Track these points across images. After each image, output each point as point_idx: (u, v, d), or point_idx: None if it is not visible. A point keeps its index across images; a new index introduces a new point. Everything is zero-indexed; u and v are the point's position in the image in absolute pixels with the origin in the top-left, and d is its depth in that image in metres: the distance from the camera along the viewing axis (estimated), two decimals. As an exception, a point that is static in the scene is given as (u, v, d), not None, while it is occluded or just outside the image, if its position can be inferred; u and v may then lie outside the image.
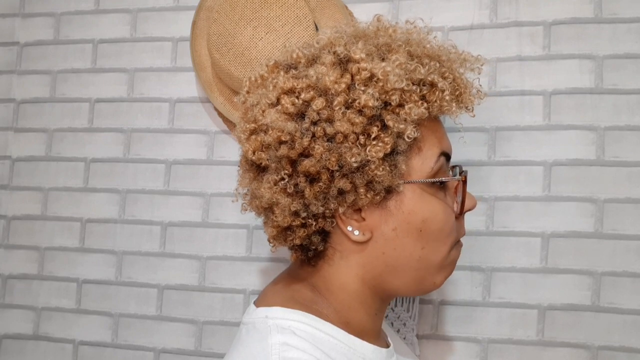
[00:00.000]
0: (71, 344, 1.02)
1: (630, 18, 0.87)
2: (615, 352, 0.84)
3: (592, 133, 0.88)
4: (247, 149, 0.59)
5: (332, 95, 0.56)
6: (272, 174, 0.58)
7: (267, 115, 0.57)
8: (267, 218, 0.62)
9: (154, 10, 1.04)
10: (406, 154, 0.58)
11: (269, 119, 0.57)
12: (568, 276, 0.87)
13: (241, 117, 0.64)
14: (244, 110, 0.63)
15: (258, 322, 0.58)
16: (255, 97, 0.61)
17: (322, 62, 0.58)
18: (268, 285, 0.66)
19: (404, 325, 0.90)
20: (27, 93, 1.08)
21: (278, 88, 0.58)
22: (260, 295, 0.65)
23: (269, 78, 0.61)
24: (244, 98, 0.64)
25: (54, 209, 1.05)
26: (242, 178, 0.64)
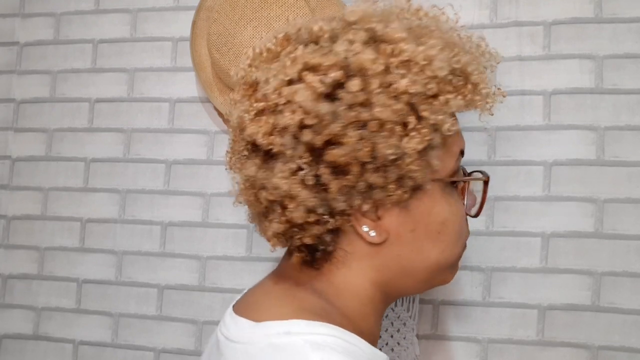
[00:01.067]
0: (71, 344, 1.02)
1: (630, 18, 0.87)
2: (615, 352, 0.84)
3: (592, 133, 0.88)
4: (254, 131, 0.51)
5: (369, 76, 0.49)
6: (287, 162, 0.50)
7: (288, 93, 0.50)
8: (272, 213, 0.53)
9: (154, 10, 1.04)
10: (438, 150, 0.52)
11: (300, 97, 0.49)
12: (568, 276, 0.87)
13: (241, 94, 0.56)
14: (246, 87, 0.55)
15: (279, 341, 0.48)
16: (263, 73, 0.53)
17: (350, 39, 0.51)
18: (255, 293, 0.57)
19: (404, 325, 0.90)
20: (27, 93, 1.08)
21: (300, 63, 0.51)
22: (246, 305, 0.55)
23: (283, 52, 0.54)
24: (242, 72, 0.56)
25: (54, 209, 1.05)
26: (241, 165, 0.55)
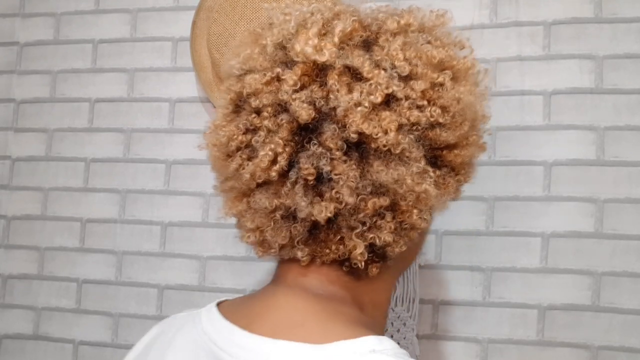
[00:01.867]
0: (71, 344, 1.02)
1: (630, 18, 0.87)
2: (615, 352, 0.84)
3: (592, 133, 0.88)
4: (374, 129, 0.44)
5: (471, 82, 0.50)
6: (410, 164, 0.46)
7: (438, 86, 0.47)
8: (376, 222, 0.47)
9: (154, 10, 1.04)
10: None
11: (460, 94, 0.47)
12: (568, 276, 0.87)
13: (311, 79, 0.47)
14: (338, 73, 0.46)
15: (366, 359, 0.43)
16: (362, 60, 0.46)
17: (446, 42, 0.51)
18: (285, 312, 0.49)
19: (404, 325, 0.90)
20: (27, 93, 1.08)
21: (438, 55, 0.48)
22: (277, 325, 0.47)
23: (379, 39, 0.48)
24: (319, 54, 0.46)
25: (54, 209, 1.05)
26: (340, 164, 0.45)
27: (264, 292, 0.53)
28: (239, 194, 0.50)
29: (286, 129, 0.46)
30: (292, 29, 0.48)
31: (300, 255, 0.48)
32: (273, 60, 0.48)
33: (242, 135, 0.48)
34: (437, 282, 0.90)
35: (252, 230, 0.50)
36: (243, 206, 0.50)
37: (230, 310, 0.52)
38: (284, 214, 0.47)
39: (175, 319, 0.57)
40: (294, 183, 0.46)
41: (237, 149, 0.49)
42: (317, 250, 0.48)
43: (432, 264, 0.91)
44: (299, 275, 0.50)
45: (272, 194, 0.47)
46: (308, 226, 0.47)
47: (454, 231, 0.90)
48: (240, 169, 0.48)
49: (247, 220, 0.50)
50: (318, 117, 0.46)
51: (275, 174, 0.46)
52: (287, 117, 0.46)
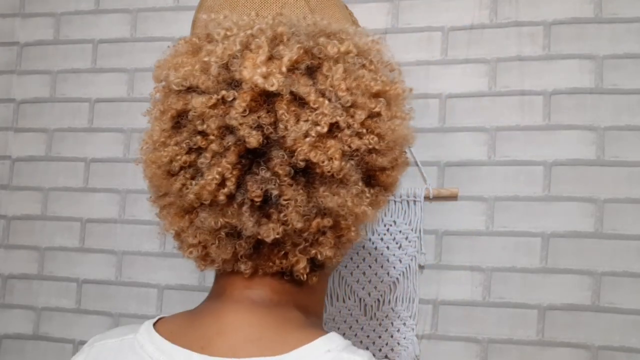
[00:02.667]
0: (71, 344, 1.02)
1: (630, 18, 0.87)
2: (615, 352, 0.84)
3: (592, 133, 0.88)
4: (320, 157, 0.47)
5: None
6: (350, 186, 0.48)
7: (376, 115, 0.49)
8: (318, 239, 0.50)
9: (154, 10, 1.04)
10: None
11: (393, 125, 0.50)
12: (568, 276, 0.87)
13: (255, 104, 0.47)
14: (284, 101, 0.47)
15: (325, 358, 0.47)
16: (305, 88, 0.48)
17: (378, 68, 0.53)
18: (238, 330, 0.50)
19: (404, 324, 0.90)
20: (27, 93, 1.08)
21: (373, 89, 0.50)
22: (235, 346, 0.48)
23: (322, 66, 0.50)
24: (268, 81, 0.46)
25: (54, 209, 1.05)
26: (280, 191, 0.47)
27: (211, 311, 0.53)
28: (180, 210, 0.51)
29: (234, 152, 0.46)
30: (237, 51, 0.48)
31: (244, 269, 0.50)
32: (217, 81, 0.48)
33: (185, 155, 0.48)
34: (437, 282, 0.90)
35: (194, 246, 0.51)
36: (185, 223, 0.51)
37: (173, 332, 0.52)
38: (229, 232, 0.49)
39: (102, 347, 0.54)
40: (241, 204, 0.47)
41: (180, 169, 0.49)
42: (260, 264, 0.50)
43: (432, 264, 0.91)
44: (244, 289, 0.51)
45: (218, 212, 0.48)
46: (252, 242, 0.49)
47: (454, 231, 0.90)
48: (184, 189, 0.48)
49: (188, 235, 0.51)
50: (266, 142, 0.47)
51: (223, 197, 0.47)
52: (234, 139, 0.47)
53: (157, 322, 0.54)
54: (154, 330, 0.52)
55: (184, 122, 0.49)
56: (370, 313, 0.90)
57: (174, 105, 0.49)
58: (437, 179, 0.92)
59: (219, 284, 0.54)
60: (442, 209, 0.91)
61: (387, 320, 0.90)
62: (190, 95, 0.48)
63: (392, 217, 0.91)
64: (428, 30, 0.94)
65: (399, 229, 0.91)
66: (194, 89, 0.48)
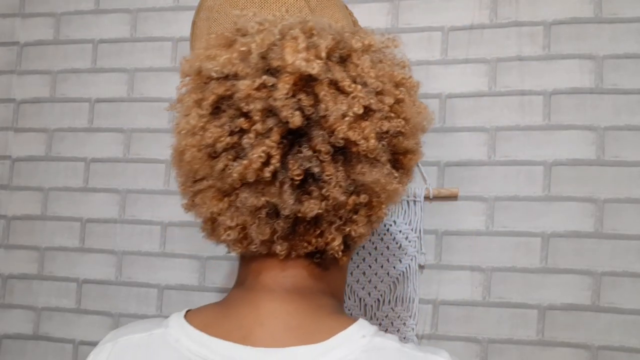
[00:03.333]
0: (71, 344, 1.02)
1: (630, 18, 0.87)
2: (615, 352, 0.84)
3: (592, 133, 0.88)
4: (355, 135, 0.50)
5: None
6: (382, 166, 0.52)
7: (401, 101, 0.54)
8: (353, 216, 0.52)
9: (154, 10, 1.04)
10: None
11: (418, 108, 0.56)
12: (568, 276, 0.87)
13: (299, 87, 0.50)
14: (326, 83, 0.50)
15: (370, 346, 0.50)
16: (342, 74, 0.51)
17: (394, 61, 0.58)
18: (279, 320, 0.51)
19: (404, 324, 0.90)
20: (27, 93, 1.08)
21: (397, 78, 0.55)
22: (276, 336, 0.50)
23: (353, 55, 0.54)
24: (311, 66, 0.49)
25: (54, 209, 1.05)
26: (329, 166, 0.50)
27: (246, 301, 0.54)
28: (219, 193, 0.52)
29: (277, 132, 0.49)
30: (276, 40, 0.51)
31: (279, 250, 0.52)
32: (256, 68, 0.51)
33: (228, 136, 0.50)
34: (437, 282, 0.90)
35: (232, 228, 0.52)
36: (224, 205, 0.52)
37: (207, 324, 0.52)
38: (269, 212, 0.50)
39: (128, 343, 0.54)
40: (282, 183, 0.49)
41: (223, 150, 0.51)
42: (295, 245, 0.52)
43: (432, 264, 0.91)
44: (276, 276, 0.53)
45: (259, 192, 0.50)
46: (290, 222, 0.51)
47: (454, 231, 0.90)
48: (227, 169, 0.50)
49: (226, 218, 0.52)
50: (306, 123, 0.50)
51: (269, 174, 0.49)
52: (276, 121, 0.49)
53: (185, 314, 0.54)
54: (187, 323, 0.53)
55: (223, 107, 0.51)
56: (370, 313, 0.90)
57: (216, 90, 0.51)
58: (437, 179, 0.92)
59: (248, 271, 0.56)
60: (442, 209, 0.91)
61: (387, 320, 0.90)
62: (230, 82, 0.51)
63: (392, 217, 0.91)
64: (428, 30, 0.94)
65: (399, 229, 0.91)
66: (233, 76, 0.51)
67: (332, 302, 0.55)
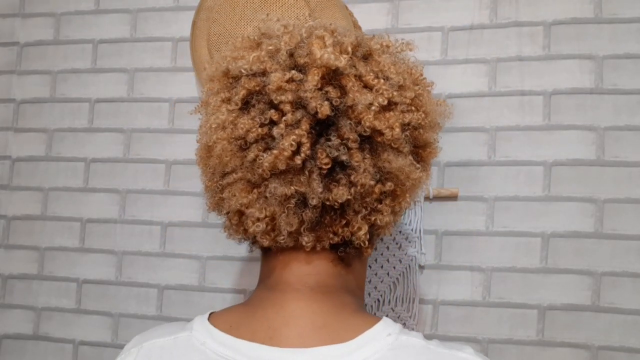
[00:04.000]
0: (71, 344, 1.02)
1: (630, 18, 0.87)
2: (615, 352, 0.84)
3: (592, 133, 0.88)
4: (381, 124, 0.52)
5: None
6: (406, 156, 0.54)
7: (420, 96, 0.57)
8: (378, 206, 0.53)
9: (154, 10, 1.04)
10: None
11: (435, 103, 0.58)
12: (568, 276, 0.87)
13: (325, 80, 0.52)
14: (349, 77, 0.53)
15: (388, 342, 0.51)
16: (367, 69, 0.54)
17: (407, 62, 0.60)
18: (303, 319, 0.52)
19: (404, 324, 0.89)
20: (27, 93, 1.08)
21: (417, 72, 0.59)
22: (303, 336, 0.51)
23: (373, 53, 0.57)
24: (338, 60, 0.52)
25: (54, 209, 1.05)
26: (350, 156, 0.51)
27: (272, 301, 0.54)
28: (248, 185, 0.53)
29: (306, 122, 0.51)
30: (303, 38, 0.54)
31: (306, 241, 0.53)
32: (284, 65, 0.53)
33: (259, 128, 0.52)
34: (437, 282, 0.90)
35: (261, 220, 0.53)
36: (253, 196, 0.53)
37: (233, 326, 0.53)
38: (298, 201, 0.52)
39: (152, 346, 0.55)
40: (311, 172, 0.51)
41: (254, 141, 0.52)
42: (321, 235, 0.53)
43: (432, 264, 0.91)
44: (301, 274, 0.54)
45: (288, 181, 0.51)
46: (318, 212, 0.52)
47: (454, 231, 0.90)
48: (258, 160, 0.52)
49: (255, 210, 0.53)
50: (334, 113, 0.51)
51: (300, 161, 0.51)
52: (305, 112, 0.51)
53: (209, 317, 0.55)
54: (212, 326, 0.53)
55: (253, 101, 0.53)
56: (370, 313, 0.90)
57: (246, 85, 0.53)
58: (437, 179, 0.92)
59: (271, 268, 0.56)
60: (442, 209, 0.91)
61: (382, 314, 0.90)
62: (259, 78, 0.53)
63: (392, 217, 0.91)
64: (428, 30, 0.94)
65: (398, 229, 0.91)
66: (261, 73, 0.53)
67: (354, 300, 0.56)
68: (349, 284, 0.57)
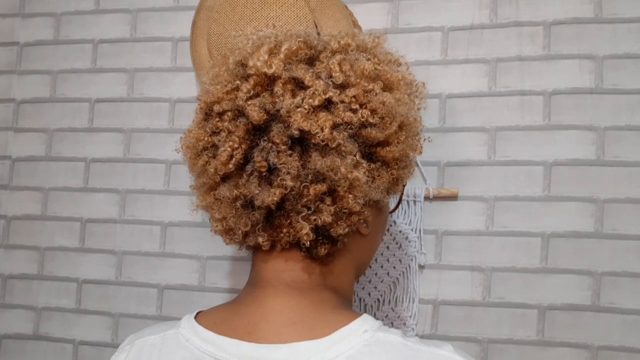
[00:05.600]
0: (71, 344, 1.02)
1: (630, 18, 0.87)
2: (615, 352, 0.84)
3: (592, 133, 0.88)
4: (310, 126, 0.52)
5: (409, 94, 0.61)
6: (345, 156, 0.53)
7: (369, 92, 0.55)
8: (317, 206, 0.54)
9: (154, 10, 1.04)
10: None
11: (386, 99, 0.55)
12: (568, 276, 0.87)
13: (261, 87, 0.55)
14: (283, 82, 0.54)
15: (373, 340, 0.52)
16: (303, 72, 0.55)
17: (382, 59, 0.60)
18: (279, 316, 0.54)
19: (404, 324, 0.90)
20: (27, 93, 1.08)
21: (368, 67, 0.57)
22: (278, 332, 0.53)
23: (320, 56, 0.57)
24: (267, 66, 0.54)
25: (54, 209, 1.05)
26: (280, 159, 0.53)
27: (253, 298, 0.57)
28: (207, 188, 0.58)
29: (242, 129, 0.54)
30: (250, 49, 0.57)
31: (261, 241, 0.55)
32: (235, 75, 0.56)
33: (208, 137, 0.56)
34: (437, 282, 0.90)
35: (220, 220, 0.57)
36: (211, 199, 0.57)
37: (217, 323, 0.56)
38: (243, 203, 0.55)
39: (144, 344, 0.58)
40: (250, 175, 0.54)
41: (203, 149, 0.57)
42: (274, 235, 0.55)
43: (432, 264, 0.91)
44: (277, 271, 0.57)
45: (233, 185, 0.55)
46: (264, 213, 0.54)
47: (454, 231, 0.90)
48: (207, 165, 0.56)
49: (215, 211, 0.57)
50: (268, 118, 0.54)
51: (232, 166, 0.54)
52: (244, 120, 0.54)
53: (196, 316, 0.58)
54: (197, 323, 0.57)
55: (210, 112, 0.58)
56: (370, 313, 0.90)
57: (203, 98, 0.58)
58: (437, 179, 0.92)
59: (253, 267, 0.60)
60: (442, 209, 0.91)
61: (387, 320, 0.90)
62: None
63: (392, 217, 0.91)
64: (428, 30, 0.94)
65: (399, 229, 0.91)
66: (218, 84, 0.57)
67: (335, 297, 0.57)
68: (329, 281, 0.58)
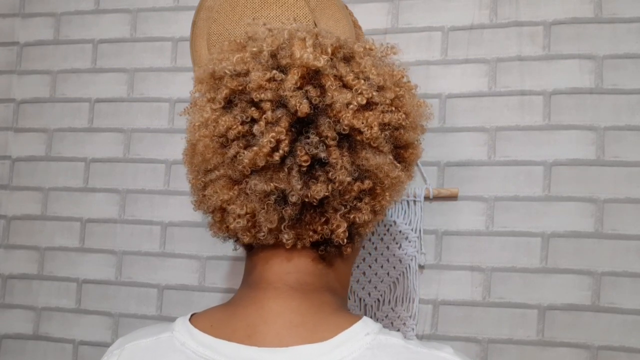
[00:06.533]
0: (71, 344, 1.02)
1: (630, 18, 0.87)
2: (615, 352, 0.84)
3: (592, 133, 0.88)
4: (359, 123, 0.52)
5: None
6: (386, 155, 0.55)
7: (401, 97, 0.57)
8: (357, 203, 0.54)
9: (154, 10, 1.04)
10: None
11: (414, 104, 0.58)
12: (568, 276, 0.87)
13: (305, 79, 0.53)
14: (328, 77, 0.53)
15: (366, 341, 0.51)
16: (347, 70, 0.55)
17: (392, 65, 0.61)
18: (281, 318, 0.53)
19: (404, 324, 0.90)
20: (27, 93, 1.08)
21: (398, 74, 0.59)
22: (280, 334, 0.51)
23: (356, 56, 0.58)
24: (317, 60, 0.53)
25: (54, 209, 1.05)
26: (335, 151, 0.52)
27: (252, 300, 0.55)
28: (229, 182, 0.54)
29: (285, 120, 0.52)
30: (285, 40, 0.55)
31: (286, 239, 0.53)
32: (266, 65, 0.54)
33: (240, 125, 0.53)
34: (437, 282, 0.90)
35: (242, 216, 0.53)
36: (234, 193, 0.53)
37: (214, 326, 0.53)
38: (277, 198, 0.52)
39: (135, 348, 0.55)
40: (290, 169, 0.52)
41: (234, 138, 0.53)
42: (301, 233, 0.53)
43: (432, 264, 0.91)
44: (281, 272, 0.55)
45: (268, 178, 0.52)
46: (297, 209, 0.52)
47: (454, 231, 0.90)
48: (238, 156, 0.52)
49: (236, 207, 0.53)
50: (313, 111, 0.52)
51: (278, 158, 0.51)
52: (285, 111, 0.52)
53: (190, 318, 0.56)
54: (192, 326, 0.54)
55: (235, 100, 0.54)
56: (370, 313, 0.90)
57: (229, 84, 0.54)
58: (437, 179, 0.92)
59: (253, 267, 0.57)
60: (442, 209, 0.91)
61: (387, 320, 0.90)
62: (242, 78, 0.54)
63: (392, 217, 0.91)
64: (428, 30, 0.94)
65: (399, 229, 0.91)
66: (245, 73, 0.54)
67: (335, 299, 0.56)
68: (330, 282, 0.57)
